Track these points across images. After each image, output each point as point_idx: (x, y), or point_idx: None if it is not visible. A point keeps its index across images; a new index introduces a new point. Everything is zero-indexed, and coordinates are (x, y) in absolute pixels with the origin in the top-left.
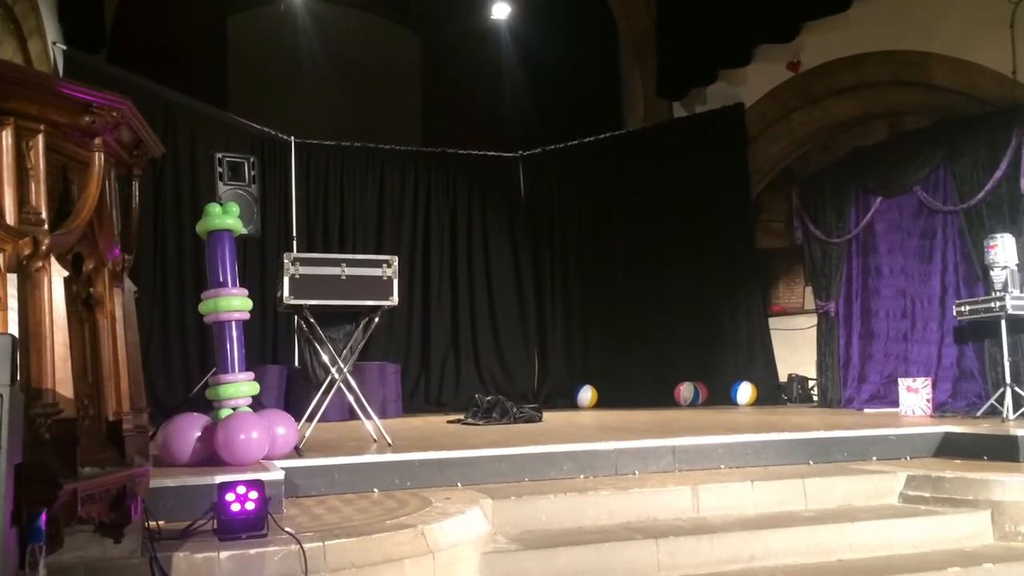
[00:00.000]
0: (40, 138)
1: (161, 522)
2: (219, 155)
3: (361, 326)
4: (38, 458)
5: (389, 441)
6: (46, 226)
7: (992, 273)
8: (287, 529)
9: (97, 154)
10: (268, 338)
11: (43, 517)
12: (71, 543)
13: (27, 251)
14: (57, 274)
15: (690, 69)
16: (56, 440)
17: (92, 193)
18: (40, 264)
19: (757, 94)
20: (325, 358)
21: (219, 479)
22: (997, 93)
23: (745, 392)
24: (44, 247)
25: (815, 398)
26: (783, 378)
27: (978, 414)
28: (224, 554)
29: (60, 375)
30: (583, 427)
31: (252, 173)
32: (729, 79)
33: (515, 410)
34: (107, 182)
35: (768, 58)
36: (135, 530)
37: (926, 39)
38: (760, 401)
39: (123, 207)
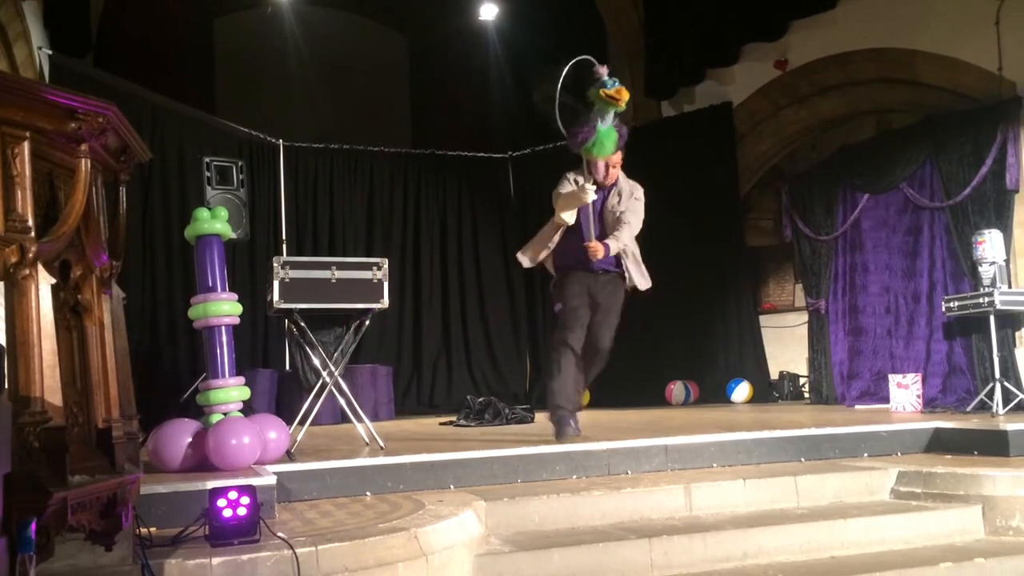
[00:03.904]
0: (25, 145)
1: (152, 529)
2: (207, 159)
3: (352, 329)
4: (27, 467)
5: (381, 444)
6: (33, 233)
7: (980, 269)
8: (279, 534)
9: (83, 160)
10: (259, 342)
11: (33, 526)
12: (62, 551)
13: (14, 259)
14: (44, 282)
15: (678, 68)
16: (45, 449)
17: (79, 200)
18: (27, 272)
19: (745, 93)
20: (316, 361)
21: (210, 485)
22: (983, 90)
23: (742, 391)
24: (31, 255)
25: (807, 395)
26: (774, 376)
27: (968, 409)
28: (216, 560)
29: (48, 383)
30: None
31: (240, 177)
32: (717, 78)
33: (507, 411)
34: (94, 188)
35: (755, 57)
36: (126, 537)
37: (912, 37)
38: (752, 399)
39: (110, 213)
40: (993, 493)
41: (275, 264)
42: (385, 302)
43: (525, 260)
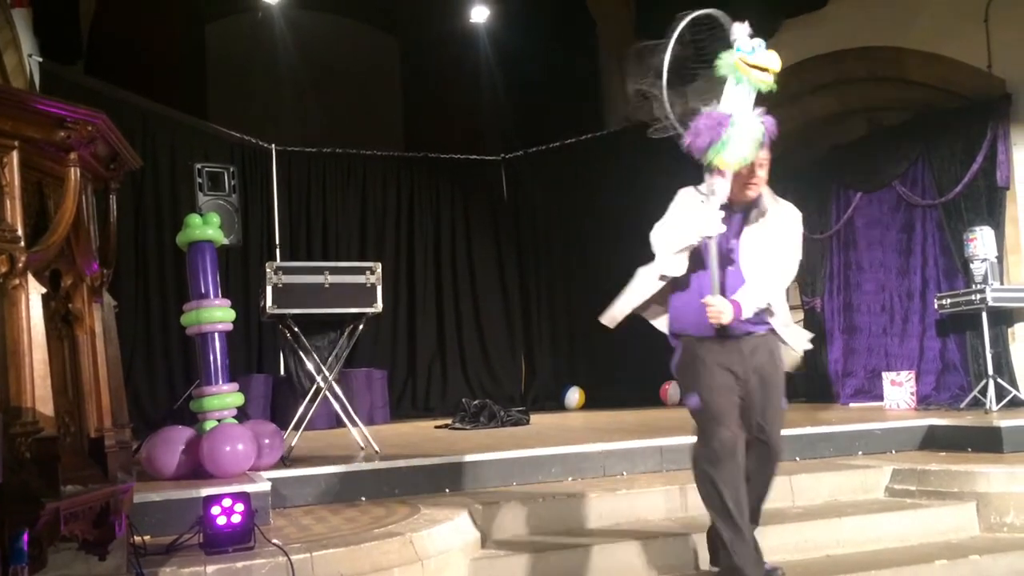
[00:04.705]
0: (15, 154)
1: (147, 537)
2: (198, 165)
3: (346, 333)
4: (19, 478)
5: (376, 448)
6: (22, 243)
7: (972, 266)
8: (274, 541)
9: (72, 169)
10: (253, 347)
11: (25, 537)
12: (55, 562)
13: (3, 269)
14: (35, 291)
15: None
16: (37, 459)
17: (68, 209)
18: (17, 282)
19: None
20: (310, 366)
21: (205, 492)
22: (972, 87)
23: None
24: (21, 264)
25: (802, 395)
26: None
27: (961, 406)
28: (211, 568)
29: (40, 393)
30: (570, 429)
31: (232, 183)
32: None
33: (502, 414)
34: (83, 197)
35: None
36: (120, 547)
37: (901, 35)
38: None
39: (101, 221)
40: (987, 490)
41: (268, 270)
42: (379, 306)
43: (607, 320)
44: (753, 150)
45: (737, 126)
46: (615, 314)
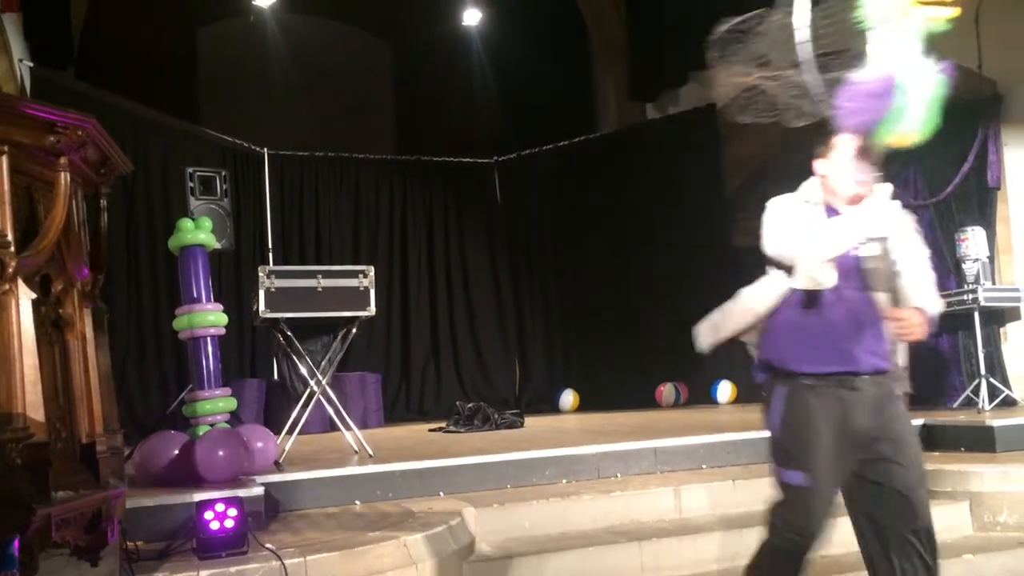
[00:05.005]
0: (4, 159)
1: (140, 543)
2: (190, 170)
3: (339, 337)
4: (10, 484)
5: (370, 452)
6: (12, 248)
7: (964, 266)
8: (267, 545)
9: (62, 174)
10: (246, 352)
11: (16, 544)
12: (46, 568)
13: None
14: (25, 297)
15: (661, 71)
16: (28, 465)
17: (58, 213)
18: (7, 287)
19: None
20: (303, 370)
21: (198, 497)
22: (963, 87)
23: (725, 391)
24: (11, 270)
25: None
26: None
27: (954, 405)
28: (204, 573)
29: (31, 399)
30: (565, 431)
31: (224, 187)
32: (700, 80)
33: (496, 416)
34: (74, 202)
35: None
36: (112, 552)
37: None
38: (740, 399)
39: (91, 226)
40: (981, 489)
41: (260, 274)
42: (372, 310)
43: (704, 341)
44: (936, 112)
45: (909, 86)
46: (716, 338)
